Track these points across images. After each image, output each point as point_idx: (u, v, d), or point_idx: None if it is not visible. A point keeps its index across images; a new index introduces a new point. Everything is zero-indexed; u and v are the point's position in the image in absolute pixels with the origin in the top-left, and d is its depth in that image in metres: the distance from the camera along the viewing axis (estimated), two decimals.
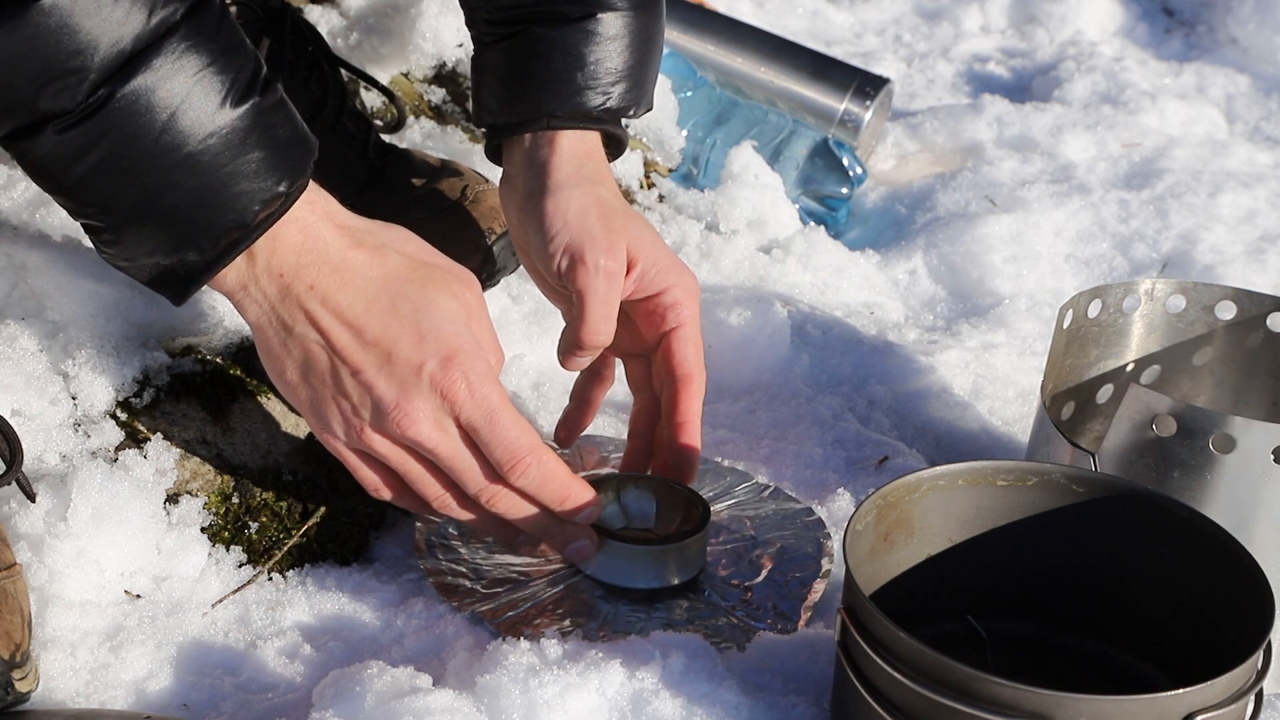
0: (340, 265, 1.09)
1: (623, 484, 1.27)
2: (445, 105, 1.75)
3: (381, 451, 1.12)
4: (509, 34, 1.26)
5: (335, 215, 1.10)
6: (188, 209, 1.03)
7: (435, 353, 1.09)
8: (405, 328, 1.09)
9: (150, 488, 1.19)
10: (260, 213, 1.05)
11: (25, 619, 1.07)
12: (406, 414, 1.09)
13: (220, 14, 1.02)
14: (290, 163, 1.05)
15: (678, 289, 1.25)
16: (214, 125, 1.01)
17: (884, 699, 1.01)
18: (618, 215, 1.24)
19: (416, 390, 1.09)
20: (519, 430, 1.11)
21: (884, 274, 1.72)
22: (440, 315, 1.10)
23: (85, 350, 1.24)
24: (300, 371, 1.11)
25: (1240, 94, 2.22)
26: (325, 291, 1.09)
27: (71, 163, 1.00)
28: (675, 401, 1.26)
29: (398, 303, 1.09)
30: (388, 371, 1.09)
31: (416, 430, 1.09)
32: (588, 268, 1.21)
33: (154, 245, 1.04)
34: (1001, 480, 1.15)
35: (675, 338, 1.25)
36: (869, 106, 1.89)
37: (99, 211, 1.03)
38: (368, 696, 1.05)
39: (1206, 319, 1.38)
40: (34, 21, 0.95)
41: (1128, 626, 1.15)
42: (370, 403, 1.09)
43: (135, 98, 0.98)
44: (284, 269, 1.08)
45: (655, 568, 1.22)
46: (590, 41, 1.25)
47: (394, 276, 1.10)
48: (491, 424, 1.10)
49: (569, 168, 1.25)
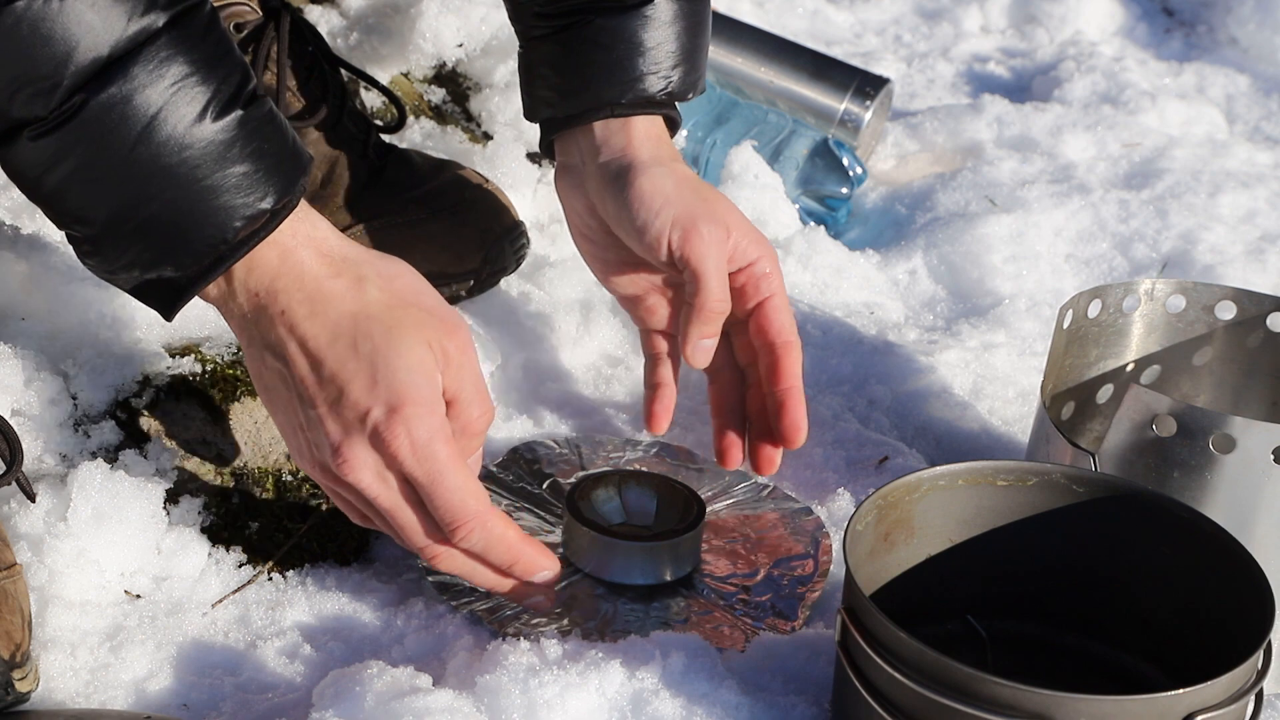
0: (314, 294, 1.05)
1: (624, 480, 1.27)
2: (445, 105, 1.75)
3: (330, 485, 1.08)
4: (563, 26, 1.27)
5: (321, 241, 1.06)
6: (165, 222, 1.00)
7: (384, 400, 1.03)
8: (361, 368, 1.03)
9: (150, 488, 1.19)
10: (242, 229, 1.01)
11: (25, 619, 1.07)
12: (346, 460, 1.04)
13: (207, 23, 1.00)
14: (277, 179, 1.02)
15: (766, 259, 1.26)
16: (192, 137, 0.98)
17: (884, 699, 1.01)
18: (707, 189, 1.26)
19: (358, 438, 1.03)
20: (464, 493, 1.05)
21: (884, 274, 1.72)
22: (400, 362, 1.04)
23: (85, 350, 1.24)
24: (270, 391, 1.08)
25: (1240, 94, 2.22)
26: (294, 319, 1.04)
27: (46, 170, 0.98)
28: (778, 369, 1.26)
29: (360, 341, 1.04)
30: (336, 411, 1.04)
31: (356, 477, 1.04)
32: (701, 237, 1.22)
33: (131, 258, 1.01)
34: (1001, 480, 1.15)
35: (770, 306, 1.26)
36: (869, 106, 1.89)
37: (75, 221, 1.01)
38: (368, 696, 1.05)
39: (1206, 319, 1.38)
40: (7, 25, 0.93)
41: (1128, 626, 1.15)
42: (318, 439, 1.05)
43: (110, 106, 0.96)
44: (259, 289, 1.04)
45: (651, 564, 1.22)
46: (648, 27, 1.26)
47: (365, 313, 1.05)
48: (433, 484, 1.04)
49: (650, 149, 1.26)
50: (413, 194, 1.47)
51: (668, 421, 1.33)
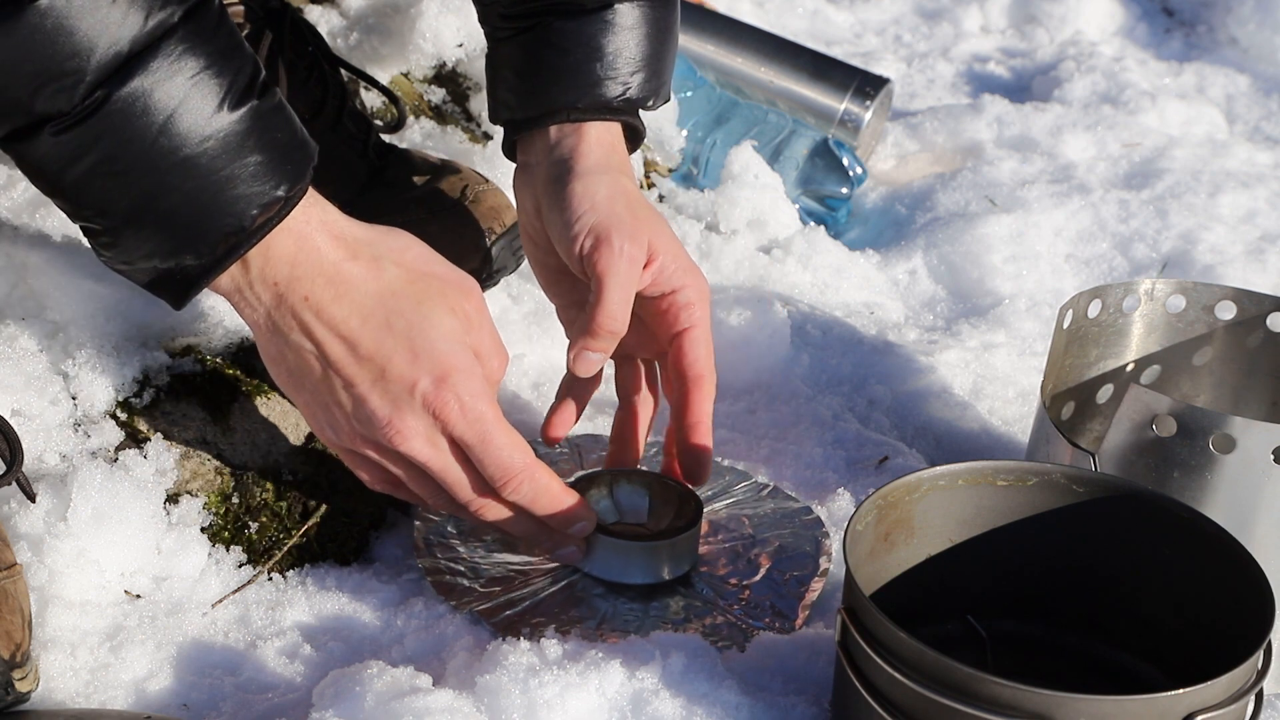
0: (335, 277, 1.09)
1: (615, 479, 1.27)
2: (445, 105, 1.75)
3: (374, 457, 1.13)
4: (524, 28, 1.26)
5: (332, 224, 1.10)
6: (185, 212, 1.02)
7: (428, 371, 1.09)
8: (399, 345, 1.09)
9: (150, 488, 1.19)
10: (258, 217, 1.04)
11: (25, 619, 1.07)
12: (399, 430, 1.10)
13: (218, 17, 1.02)
14: (289, 167, 1.05)
15: (692, 289, 1.25)
16: (211, 128, 1.01)
17: (884, 699, 1.01)
18: (643, 207, 1.24)
19: (409, 408, 1.10)
20: (511, 448, 1.12)
21: (884, 274, 1.72)
22: (435, 333, 1.10)
23: (85, 350, 1.24)
24: (296, 377, 1.12)
25: (1240, 94, 2.22)
26: (320, 304, 1.08)
27: (68, 165, 1.00)
28: (687, 402, 1.25)
29: (393, 319, 1.09)
30: (381, 388, 1.09)
31: (409, 446, 1.11)
32: (612, 249, 1.20)
33: (151, 248, 1.04)
34: (1001, 480, 1.15)
35: (688, 338, 1.25)
36: (869, 106, 1.89)
37: (96, 214, 1.03)
38: (368, 696, 1.05)
39: (1206, 319, 1.38)
40: (30, 23, 0.95)
41: (1128, 626, 1.15)
42: (364, 415, 1.10)
43: (132, 100, 0.98)
44: (278, 278, 1.08)
45: (650, 563, 1.23)
46: (608, 32, 1.25)
47: (390, 291, 1.10)
48: (484, 443, 1.11)
49: (596, 156, 1.25)
50: (413, 194, 1.47)
51: (564, 432, 1.30)
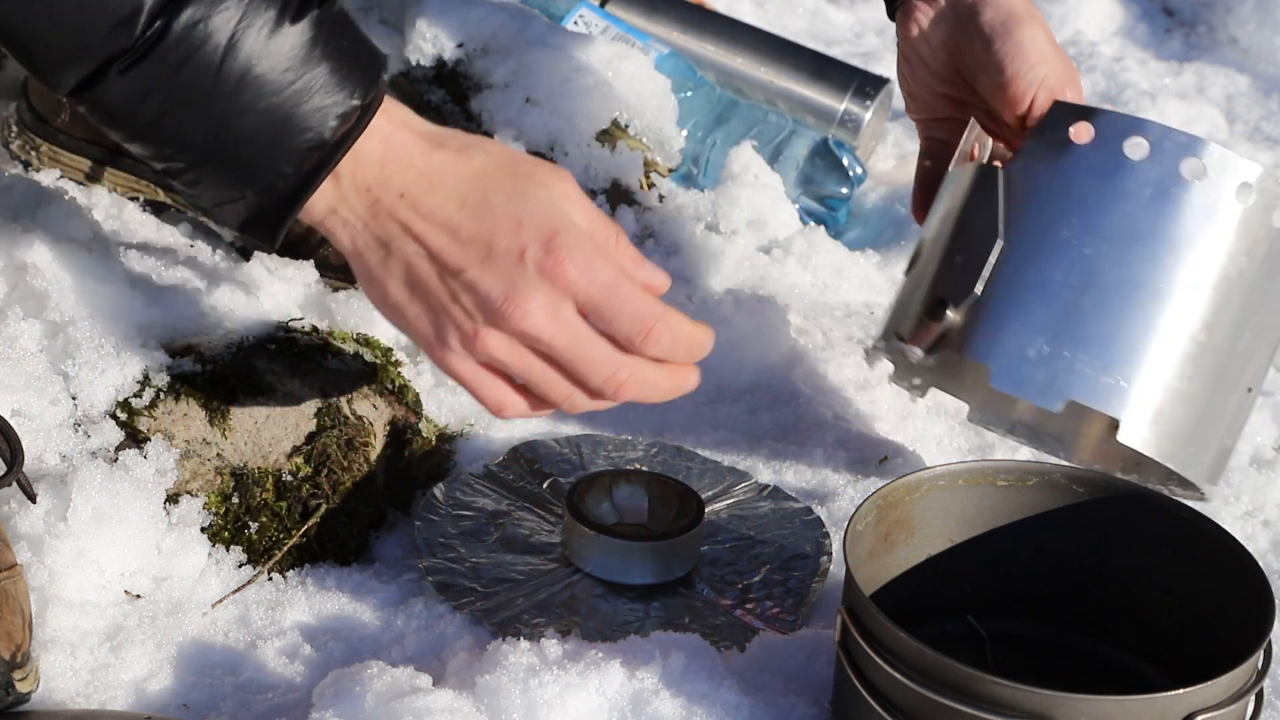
0: (427, 169, 1.06)
1: (614, 480, 1.27)
2: (445, 105, 1.75)
3: (500, 356, 1.07)
4: None
5: (413, 123, 1.07)
6: (264, 133, 1.01)
7: (536, 237, 1.05)
8: (501, 219, 1.05)
9: (150, 488, 1.19)
10: (339, 128, 1.02)
11: (26, 619, 1.07)
12: (518, 306, 1.05)
13: None
14: (360, 74, 1.03)
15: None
16: (276, 43, 1.00)
17: (884, 699, 1.01)
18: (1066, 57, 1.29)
19: (524, 279, 1.05)
20: (640, 298, 1.07)
21: (884, 274, 1.72)
22: (535, 201, 1.06)
23: (85, 350, 1.24)
24: (404, 288, 1.08)
25: (1240, 94, 2.21)
26: (415, 197, 1.06)
27: (140, 102, 0.99)
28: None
29: (490, 195, 1.05)
30: (490, 265, 1.05)
31: (531, 322, 1.05)
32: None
33: (236, 178, 1.03)
34: (1001, 480, 1.15)
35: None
36: (869, 106, 1.89)
37: (176, 150, 1.02)
38: (368, 696, 1.05)
39: None
40: None
41: (1128, 626, 1.15)
42: (479, 303, 1.05)
43: (191, 25, 0.98)
44: (371, 182, 1.05)
45: (651, 563, 1.23)
46: None
47: (483, 172, 1.06)
48: (611, 296, 1.06)
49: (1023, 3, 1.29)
50: None
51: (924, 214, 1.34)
